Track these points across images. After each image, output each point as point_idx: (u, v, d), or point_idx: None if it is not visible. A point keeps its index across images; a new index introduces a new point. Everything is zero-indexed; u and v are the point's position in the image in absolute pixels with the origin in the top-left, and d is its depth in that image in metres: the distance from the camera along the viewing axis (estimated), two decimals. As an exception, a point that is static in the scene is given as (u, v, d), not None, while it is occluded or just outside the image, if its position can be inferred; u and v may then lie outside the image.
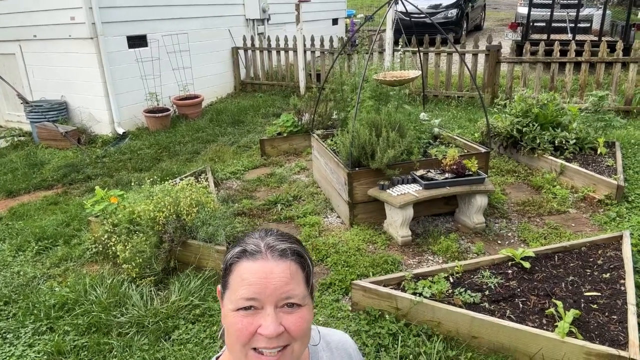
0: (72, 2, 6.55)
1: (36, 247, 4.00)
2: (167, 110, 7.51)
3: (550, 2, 9.40)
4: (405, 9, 4.51)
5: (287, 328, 0.91)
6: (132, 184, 4.19)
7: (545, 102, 5.15)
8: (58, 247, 4.02)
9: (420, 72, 4.48)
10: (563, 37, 9.29)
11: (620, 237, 3.37)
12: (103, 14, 6.71)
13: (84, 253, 3.86)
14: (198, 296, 3.14)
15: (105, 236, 3.53)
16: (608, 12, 9.63)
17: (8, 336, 2.95)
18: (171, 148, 6.49)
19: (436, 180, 3.80)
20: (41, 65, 7.44)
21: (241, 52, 9.39)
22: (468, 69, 4.73)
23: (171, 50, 7.94)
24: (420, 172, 3.93)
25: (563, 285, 2.90)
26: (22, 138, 7.51)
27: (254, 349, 0.92)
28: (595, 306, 2.69)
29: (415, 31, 5.65)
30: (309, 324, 0.96)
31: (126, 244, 3.38)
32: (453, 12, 12.50)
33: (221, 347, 1.13)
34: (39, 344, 2.86)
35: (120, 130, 7.18)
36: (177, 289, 3.19)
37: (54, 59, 7.23)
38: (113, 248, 3.43)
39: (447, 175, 3.87)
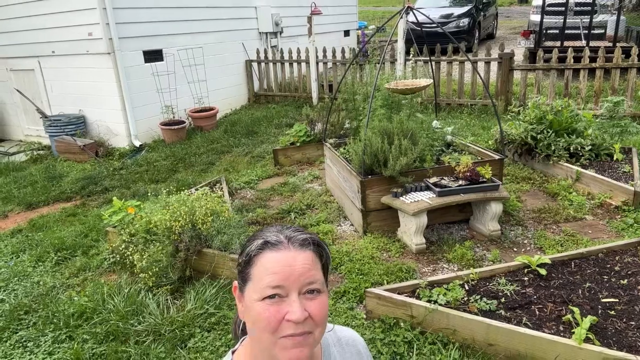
0: (90, 18, 6.73)
1: (55, 258, 4.08)
2: (183, 122, 7.62)
3: (563, 9, 9.36)
4: (417, 19, 4.55)
5: (310, 313, 0.95)
6: (149, 194, 4.26)
7: (560, 108, 5.12)
8: (77, 258, 4.10)
9: (431, 81, 4.49)
10: (577, 43, 9.23)
11: (638, 243, 3.32)
12: (120, 30, 6.88)
13: (102, 263, 3.93)
14: (213, 304, 3.17)
15: (123, 246, 3.58)
16: (622, 17, 9.57)
17: (29, 345, 3.01)
18: (187, 159, 6.58)
19: (450, 187, 3.79)
20: (59, 80, 7.62)
21: (255, 64, 9.52)
22: (480, 76, 4.73)
23: (186, 64, 8.08)
24: (433, 180, 3.93)
25: (580, 292, 2.87)
26: (41, 152, 7.68)
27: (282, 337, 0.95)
28: (612, 312, 2.65)
29: (427, 41, 5.69)
30: (328, 310, 1.01)
31: (143, 253, 3.43)
32: (465, 21, 12.52)
33: (236, 341, 1.15)
34: (58, 352, 2.91)
35: (137, 143, 7.30)
36: (193, 297, 3.22)
37: (72, 74, 7.41)
38: (130, 257, 3.48)
39: (460, 182, 3.86)
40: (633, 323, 2.56)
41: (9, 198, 5.77)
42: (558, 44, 9.10)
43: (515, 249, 3.75)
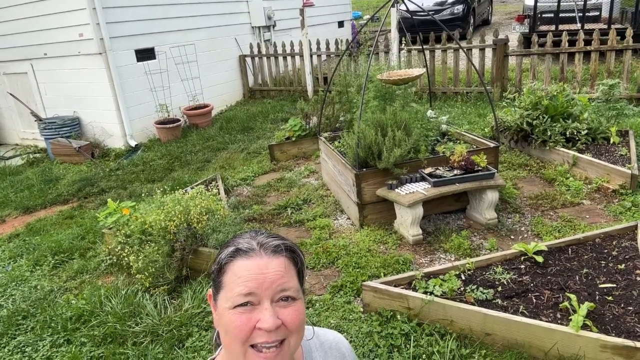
0: (80, 19, 6.69)
1: (53, 261, 4.08)
2: (178, 120, 7.59)
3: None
4: (407, 7, 4.50)
5: (284, 321, 0.94)
6: (143, 195, 4.24)
7: (555, 93, 5.08)
8: (74, 260, 4.09)
9: (424, 70, 4.46)
10: (572, 27, 9.15)
11: (635, 226, 3.30)
12: (111, 29, 6.83)
13: (99, 265, 3.92)
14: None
15: (119, 247, 3.57)
16: (617, -1, 9.47)
17: (27, 349, 3.01)
18: (182, 158, 6.56)
19: (445, 177, 3.77)
20: (53, 82, 7.59)
21: (248, 59, 9.46)
22: (473, 64, 4.70)
23: (179, 61, 8.03)
24: (428, 170, 3.91)
25: (577, 278, 2.85)
26: (37, 155, 7.66)
27: (252, 346, 0.94)
28: (610, 298, 2.64)
29: (420, 29, 5.65)
30: (304, 317, 0.99)
31: (139, 254, 3.42)
32: (459, 8, 12.42)
33: (216, 348, 1.14)
34: (56, 356, 2.91)
35: (133, 143, 7.28)
36: (190, 296, 3.21)
37: (65, 76, 7.37)
38: (126, 259, 3.47)
39: (455, 172, 3.84)
40: (631, 308, 2.54)
41: (6, 202, 5.76)
42: (553, 27, 9.02)
43: (512, 237, 3.74)
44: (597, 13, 9.77)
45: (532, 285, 2.83)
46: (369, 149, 3.89)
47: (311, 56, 8.72)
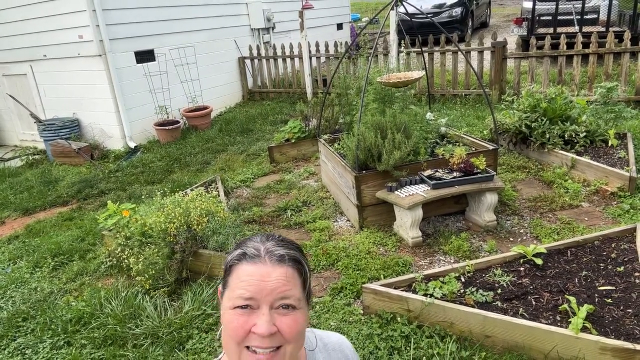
0: (80, 20, 6.69)
1: (52, 263, 4.08)
2: (177, 122, 7.59)
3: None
4: (406, 10, 4.52)
5: (280, 329, 0.95)
6: (143, 197, 4.24)
7: (553, 96, 5.10)
8: (74, 262, 4.09)
9: (423, 73, 4.48)
10: (570, 29, 9.18)
11: (634, 229, 3.32)
12: (110, 31, 6.83)
13: (99, 267, 3.92)
14: (211, 305, 3.16)
15: (119, 249, 3.58)
16: (615, 1, 9.50)
17: (27, 352, 3.01)
18: (182, 159, 6.56)
19: (444, 179, 3.78)
20: (52, 84, 7.59)
21: (248, 61, 9.48)
22: (472, 67, 4.71)
23: (178, 63, 8.04)
24: (428, 172, 3.92)
25: (576, 281, 2.87)
26: (36, 156, 7.66)
27: (247, 347, 0.96)
28: (609, 300, 2.65)
29: (419, 32, 5.68)
30: (303, 328, 1.00)
31: (139, 256, 3.43)
32: (457, 10, 12.45)
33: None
34: (57, 358, 2.91)
35: (132, 144, 7.28)
36: (190, 298, 3.22)
37: (65, 78, 7.37)
38: (126, 261, 3.47)
39: (455, 174, 3.85)
40: (630, 310, 2.56)
41: (5, 204, 5.76)
42: (551, 30, 9.05)
43: (511, 239, 3.75)
44: (595, 16, 9.81)
45: (531, 287, 2.84)
46: (369, 151, 3.90)
47: (310, 58, 8.74)
